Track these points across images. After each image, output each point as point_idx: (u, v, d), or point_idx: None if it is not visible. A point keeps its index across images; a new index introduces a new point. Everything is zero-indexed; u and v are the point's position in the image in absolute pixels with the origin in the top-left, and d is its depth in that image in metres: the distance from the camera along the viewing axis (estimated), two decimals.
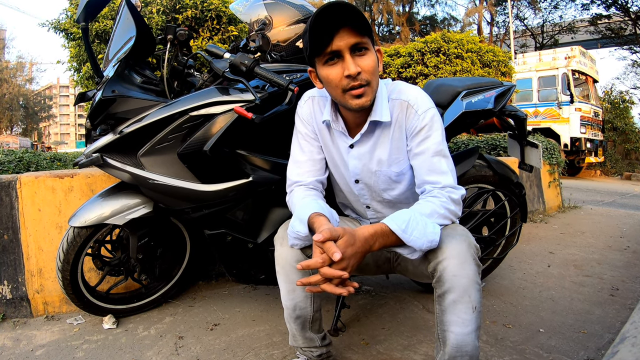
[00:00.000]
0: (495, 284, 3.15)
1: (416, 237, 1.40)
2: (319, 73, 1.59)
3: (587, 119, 13.20)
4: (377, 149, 1.72)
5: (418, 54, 7.34)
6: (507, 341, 2.30)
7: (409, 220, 1.40)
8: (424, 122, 1.61)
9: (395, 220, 1.41)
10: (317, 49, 1.51)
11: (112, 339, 2.40)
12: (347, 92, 1.53)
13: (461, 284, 1.40)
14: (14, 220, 2.68)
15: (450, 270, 1.42)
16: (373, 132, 1.70)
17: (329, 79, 1.54)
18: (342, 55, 1.49)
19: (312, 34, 1.48)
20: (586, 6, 26.51)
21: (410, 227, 1.40)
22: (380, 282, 3.15)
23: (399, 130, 1.67)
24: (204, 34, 4.44)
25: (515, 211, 2.87)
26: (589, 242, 4.48)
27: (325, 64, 1.54)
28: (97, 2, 2.02)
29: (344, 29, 1.46)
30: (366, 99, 1.54)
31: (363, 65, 1.50)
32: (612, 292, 2.98)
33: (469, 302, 1.41)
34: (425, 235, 1.41)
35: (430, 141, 1.62)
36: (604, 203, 7.64)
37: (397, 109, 1.66)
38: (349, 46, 1.47)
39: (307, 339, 1.84)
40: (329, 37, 1.47)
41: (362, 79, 1.51)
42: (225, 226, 2.30)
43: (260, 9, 2.57)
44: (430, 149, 1.61)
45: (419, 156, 1.64)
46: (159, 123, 2.05)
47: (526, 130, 2.98)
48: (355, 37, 1.47)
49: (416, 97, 1.65)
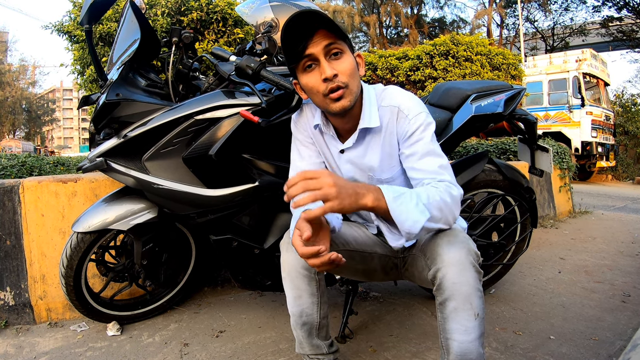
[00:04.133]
0: (505, 290, 3.11)
1: (401, 211, 1.34)
2: (300, 83, 1.61)
3: (598, 122, 13.09)
4: (368, 155, 1.72)
5: (427, 56, 7.30)
6: (517, 348, 2.27)
7: (403, 194, 1.36)
8: (415, 126, 1.60)
9: (390, 188, 1.37)
10: (293, 56, 1.53)
11: (117, 346, 2.39)
12: (327, 96, 1.53)
13: (462, 291, 1.39)
14: (16, 225, 2.67)
15: (449, 277, 1.40)
16: (363, 138, 1.70)
17: (309, 86, 1.56)
18: (318, 60, 1.51)
19: (285, 43, 1.50)
20: (597, 8, 26.50)
21: (401, 200, 1.34)
22: (389, 289, 3.12)
23: (389, 136, 1.67)
24: (209, 36, 4.43)
25: (526, 216, 2.84)
26: (600, 247, 4.42)
27: (304, 72, 1.56)
28: (101, 5, 2.01)
29: (317, 35, 1.48)
30: (345, 100, 1.54)
31: (339, 67, 1.51)
32: (624, 299, 2.94)
33: (470, 309, 1.39)
34: (410, 214, 1.34)
35: (422, 142, 1.60)
36: (616, 208, 7.56)
37: (387, 115, 1.66)
38: (323, 49, 1.49)
39: (314, 346, 1.82)
40: (303, 44, 1.49)
41: (340, 82, 1.51)
42: (231, 231, 2.28)
43: (266, 11, 2.55)
44: (420, 150, 1.59)
45: (410, 157, 1.62)
46: (164, 127, 2.04)
47: (536, 134, 2.94)
48: (328, 39, 1.49)
49: (406, 102, 1.64)
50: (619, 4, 24.82)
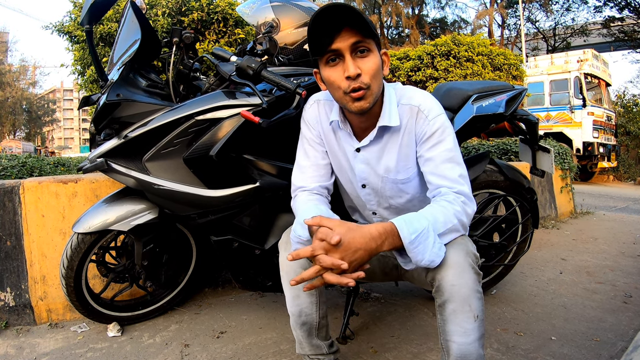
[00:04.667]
0: (507, 290, 3.11)
1: (419, 251, 1.35)
2: (322, 74, 1.58)
3: (599, 123, 13.08)
4: (385, 155, 1.70)
5: (428, 57, 7.29)
6: (519, 349, 2.26)
7: (421, 233, 1.35)
8: (434, 128, 1.58)
9: (408, 226, 1.36)
10: (318, 49, 1.51)
11: (117, 347, 2.38)
12: (348, 94, 1.51)
13: (460, 293, 1.38)
14: (17, 226, 2.66)
15: (448, 279, 1.39)
16: (381, 137, 1.67)
17: (330, 80, 1.53)
18: (343, 56, 1.48)
19: (312, 34, 1.47)
20: (599, 8, 26.52)
21: (419, 240, 1.35)
22: (390, 289, 3.11)
23: (408, 136, 1.64)
24: (210, 36, 4.42)
25: (527, 217, 2.83)
26: (601, 248, 4.41)
27: (327, 65, 1.53)
28: (101, 5, 2.00)
29: (345, 30, 1.45)
30: (365, 101, 1.52)
31: (364, 67, 1.49)
32: (625, 300, 2.94)
33: (469, 311, 1.39)
34: (429, 253, 1.36)
35: (442, 147, 1.58)
36: (617, 209, 7.56)
37: (406, 114, 1.63)
38: (350, 46, 1.46)
39: (314, 346, 1.81)
40: (330, 38, 1.46)
41: (362, 82, 1.49)
42: (231, 232, 2.27)
43: (267, 11, 2.54)
44: (442, 155, 1.57)
45: (430, 162, 1.60)
46: (165, 127, 2.03)
47: (538, 134, 2.94)
48: (356, 37, 1.46)
49: (427, 103, 1.62)
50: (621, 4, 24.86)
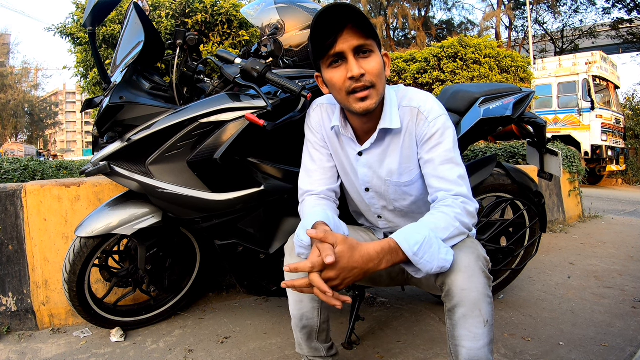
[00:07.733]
0: (514, 295, 3.09)
1: (427, 260, 1.33)
2: (324, 76, 1.58)
3: (608, 126, 13.02)
4: (387, 158, 1.70)
5: (434, 59, 7.29)
6: (526, 355, 2.25)
7: (423, 243, 1.33)
8: (434, 129, 1.58)
9: (408, 239, 1.34)
10: (320, 51, 1.50)
11: (120, 352, 2.36)
12: (351, 94, 1.51)
13: (471, 297, 1.36)
14: (19, 230, 2.65)
15: (458, 284, 1.37)
16: (383, 139, 1.67)
17: (333, 81, 1.53)
18: (345, 57, 1.48)
19: (314, 36, 1.47)
20: (607, 10, 26.48)
21: (423, 250, 1.33)
22: (396, 294, 3.09)
23: (409, 138, 1.64)
24: (214, 38, 4.41)
25: (535, 221, 2.82)
26: (610, 252, 4.38)
27: (329, 67, 1.53)
28: (104, 6, 1.99)
29: (347, 31, 1.45)
30: (371, 101, 1.52)
31: (367, 67, 1.49)
32: (634, 304, 2.91)
33: (479, 316, 1.37)
34: (436, 260, 1.35)
35: (442, 148, 1.58)
36: (626, 213, 7.50)
37: (407, 116, 1.63)
38: (353, 48, 1.47)
39: (313, 349, 1.82)
40: (332, 39, 1.46)
41: (367, 81, 1.49)
42: (236, 236, 2.25)
43: (272, 13, 2.53)
44: (441, 156, 1.57)
45: (430, 163, 1.60)
46: (168, 130, 2.01)
47: (546, 137, 2.92)
48: (359, 38, 1.46)
49: (427, 104, 1.62)
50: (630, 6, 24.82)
